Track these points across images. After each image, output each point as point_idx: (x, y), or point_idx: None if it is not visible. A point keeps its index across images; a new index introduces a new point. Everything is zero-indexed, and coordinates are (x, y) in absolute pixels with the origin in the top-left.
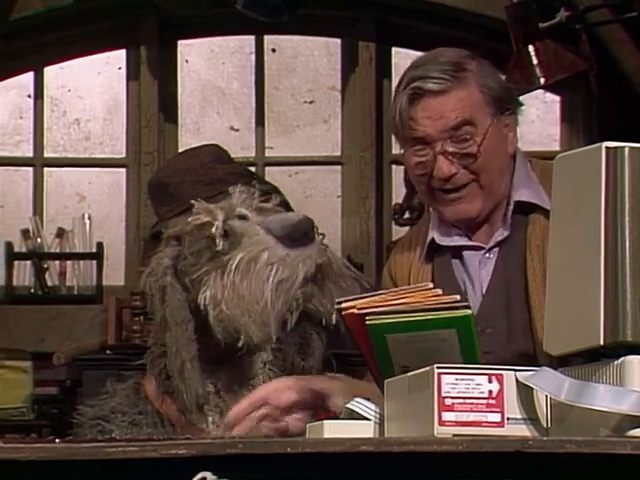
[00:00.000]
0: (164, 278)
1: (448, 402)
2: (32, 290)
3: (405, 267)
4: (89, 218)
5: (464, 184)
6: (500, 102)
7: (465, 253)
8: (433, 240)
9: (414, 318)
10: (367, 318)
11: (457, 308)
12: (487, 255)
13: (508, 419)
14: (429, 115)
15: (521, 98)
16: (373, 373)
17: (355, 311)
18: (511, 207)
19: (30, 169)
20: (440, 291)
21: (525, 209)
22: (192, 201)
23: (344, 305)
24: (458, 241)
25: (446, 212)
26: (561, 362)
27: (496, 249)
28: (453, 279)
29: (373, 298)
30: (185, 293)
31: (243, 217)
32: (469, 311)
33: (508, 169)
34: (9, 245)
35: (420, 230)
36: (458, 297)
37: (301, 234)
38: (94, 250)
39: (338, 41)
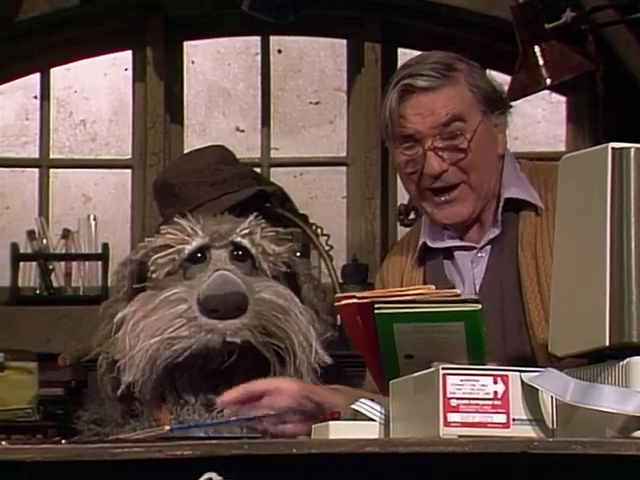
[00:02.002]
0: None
1: (453, 403)
2: (37, 291)
3: (397, 274)
4: (94, 219)
5: (454, 184)
6: (490, 101)
7: (457, 253)
8: (425, 243)
9: (424, 310)
10: (376, 307)
11: (467, 302)
12: (479, 254)
13: (514, 420)
14: (419, 112)
15: (527, 99)
16: (369, 364)
17: (362, 301)
18: (501, 204)
19: (36, 170)
20: (433, 287)
21: (515, 206)
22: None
23: (341, 297)
24: (450, 242)
25: (437, 215)
26: (558, 358)
27: (488, 247)
28: (445, 280)
29: (375, 291)
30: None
31: (237, 245)
32: (479, 306)
33: (497, 169)
34: (14, 246)
35: (411, 235)
36: (458, 291)
37: (222, 308)
38: (100, 251)
39: (344, 42)
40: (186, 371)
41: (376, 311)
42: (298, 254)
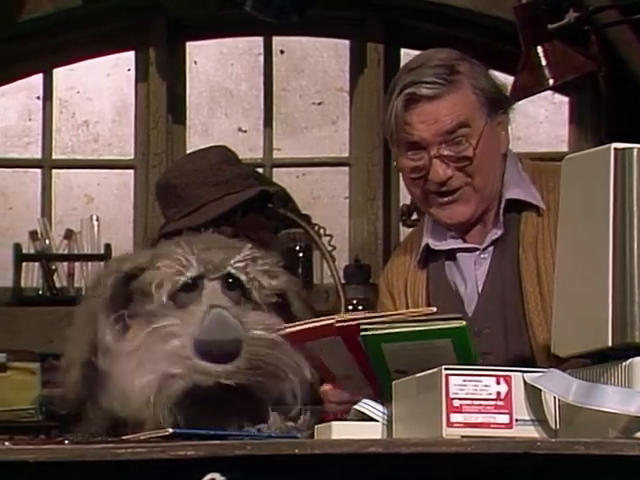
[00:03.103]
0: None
1: (456, 403)
2: (40, 291)
3: (401, 276)
4: (97, 219)
5: (458, 187)
6: (493, 102)
7: (459, 255)
8: (427, 245)
9: (410, 329)
10: (362, 328)
11: (451, 319)
12: (482, 255)
13: (516, 420)
14: (424, 120)
15: (529, 99)
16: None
17: (347, 323)
18: (502, 205)
19: (38, 171)
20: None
21: (517, 207)
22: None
23: (289, 325)
24: (452, 244)
25: (440, 215)
26: (559, 359)
27: (490, 248)
28: (447, 282)
29: (354, 314)
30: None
31: (231, 277)
32: (463, 322)
33: (500, 170)
34: (17, 247)
35: (414, 237)
36: (434, 309)
37: (218, 354)
38: (102, 251)
39: (346, 42)
40: (180, 404)
41: (362, 333)
42: (284, 269)
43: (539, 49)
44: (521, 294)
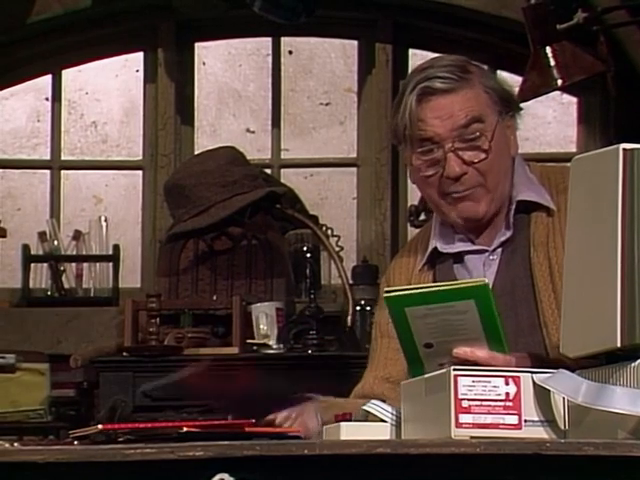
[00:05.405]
0: None
1: (465, 404)
2: (49, 292)
3: (404, 277)
4: (105, 220)
5: (471, 187)
6: (504, 102)
7: (467, 257)
8: (435, 248)
9: (432, 289)
10: (385, 291)
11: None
12: (491, 257)
13: (525, 421)
14: (438, 115)
15: (538, 99)
16: None
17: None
18: (513, 207)
19: (47, 172)
20: None
21: (526, 208)
22: None
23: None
24: (461, 247)
25: (452, 212)
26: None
27: (499, 250)
28: None
29: None
30: None
31: None
32: (486, 280)
33: (510, 172)
34: (26, 248)
35: (420, 239)
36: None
37: None
38: (110, 252)
39: (355, 43)
40: None
41: (385, 295)
42: None
43: (548, 49)
44: (534, 293)
